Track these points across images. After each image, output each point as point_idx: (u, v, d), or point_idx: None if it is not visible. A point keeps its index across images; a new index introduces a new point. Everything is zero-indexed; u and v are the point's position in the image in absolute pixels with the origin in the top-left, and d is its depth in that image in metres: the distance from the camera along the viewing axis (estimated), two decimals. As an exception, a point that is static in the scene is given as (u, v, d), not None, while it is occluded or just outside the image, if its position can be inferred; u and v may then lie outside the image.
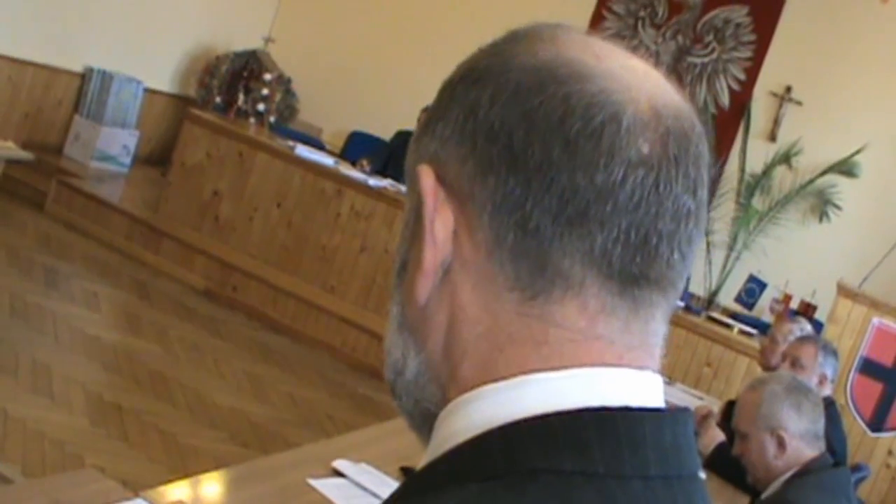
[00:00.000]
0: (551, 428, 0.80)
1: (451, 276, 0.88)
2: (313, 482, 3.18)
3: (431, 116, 0.93)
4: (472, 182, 0.86)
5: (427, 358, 0.91)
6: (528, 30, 0.92)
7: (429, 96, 1.02)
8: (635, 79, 0.88)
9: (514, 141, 0.84)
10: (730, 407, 5.38)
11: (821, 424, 3.92)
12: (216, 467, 3.56)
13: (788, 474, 3.84)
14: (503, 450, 0.80)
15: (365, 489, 3.24)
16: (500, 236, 0.85)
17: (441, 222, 0.87)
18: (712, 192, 10.38)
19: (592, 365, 0.84)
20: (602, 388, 0.83)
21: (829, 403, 5.25)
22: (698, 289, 10.24)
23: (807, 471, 3.80)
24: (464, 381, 0.87)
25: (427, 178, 0.88)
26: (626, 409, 0.82)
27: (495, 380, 0.84)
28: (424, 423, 0.92)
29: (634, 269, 0.84)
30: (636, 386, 0.85)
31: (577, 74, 0.85)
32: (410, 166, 0.93)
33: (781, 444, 3.84)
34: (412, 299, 0.90)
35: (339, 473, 3.31)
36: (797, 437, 3.84)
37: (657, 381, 0.88)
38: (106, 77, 10.68)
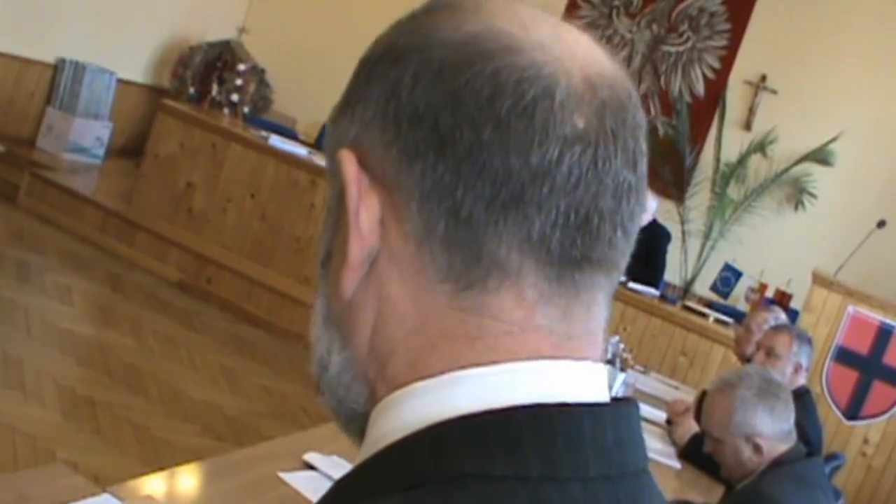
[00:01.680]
0: (482, 428, 0.76)
1: (377, 269, 0.83)
2: (284, 475, 3.16)
3: (349, 97, 0.87)
4: (398, 169, 0.81)
5: (352, 354, 0.86)
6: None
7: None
8: (566, 48, 0.82)
9: (440, 124, 0.79)
10: (704, 397, 5.38)
11: (792, 419, 3.91)
12: (190, 461, 3.53)
13: (762, 467, 3.83)
14: (431, 453, 0.76)
15: (335, 481, 3.21)
16: (431, 226, 0.80)
17: (366, 211, 0.82)
18: (687, 181, 10.47)
19: (529, 358, 0.80)
20: (538, 383, 0.79)
21: (804, 392, 5.26)
22: (674, 278, 10.26)
23: (780, 462, 3.80)
24: (393, 379, 0.82)
25: (349, 164, 0.83)
26: (564, 405, 0.78)
27: (426, 377, 0.80)
28: (350, 422, 0.89)
29: (575, 252, 0.80)
30: (575, 379, 0.81)
31: (506, 48, 0.80)
32: (330, 151, 0.88)
33: (757, 448, 3.83)
34: (337, 292, 0.85)
35: (309, 466, 3.28)
36: (772, 438, 3.83)
37: (599, 370, 0.84)
38: (78, 68, 10.61)
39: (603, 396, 0.82)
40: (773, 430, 3.83)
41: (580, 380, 0.81)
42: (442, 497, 0.74)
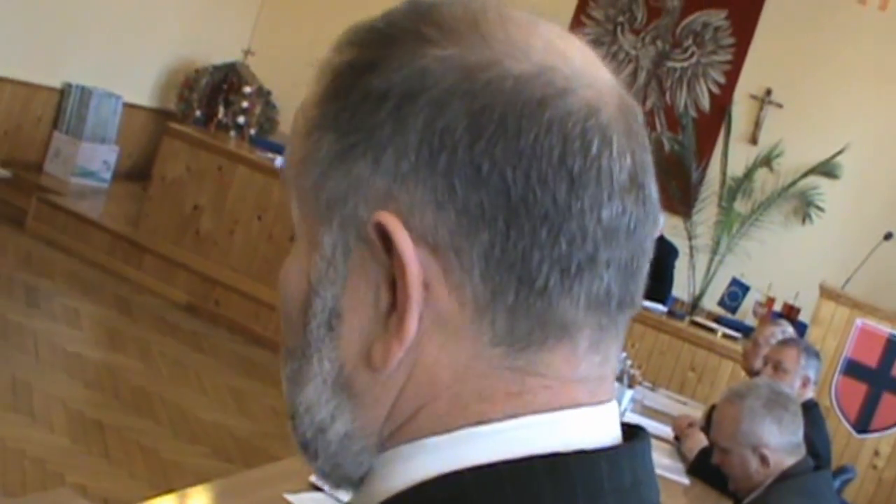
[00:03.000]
0: (499, 479, 0.71)
1: (417, 335, 0.75)
2: (290, 497, 3.15)
3: (359, 135, 0.76)
4: (456, 234, 0.72)
5: (366, 425, 0.79)
6: (462, 13, 0.78)
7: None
8: (591, 68, 0.77)
9: (509, 186, 0.71)
10: (713, 411, 5.38)
11: (801, 432, 3.91)
12: (199, 483, 3.53)
13: (770, 480, 3.83)
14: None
15: (342, 503, 3.21)
16: (497, 294, 0.73)
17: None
18: (694, 196, 10.46)
19: (562, 408, 0.76)
20: (555, 434, 0.75)
21: (812, 406, 5.25)
22: (682, 293, 10.24)
23: (788, 475, 3.80)
24: (406, 434, 0.77)
25: (403, 239, 0.73)
26: (581, 453, 0.74)
27: (442, 432, 0.75)
28: (341, 483, 0.83)
29: (628, 297, 0.77)
30: (593, 424, 0.77)
31: (561, 91, 0.74)
32: (331, 192, 0.78)
33: (764, 459, 3.83)
34: (373, 364, 0.76)
35: (317, 488, 3.28)
36: (779, 450, 3.83)
37: (613, 408, 0.80)
38: (85, 92, 10.64)
39: (617, 435, 0.79)
40: (780, 441, 3.83)
41: (597, 424, 0.78)
42: None
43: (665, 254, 8.46)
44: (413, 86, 0.74)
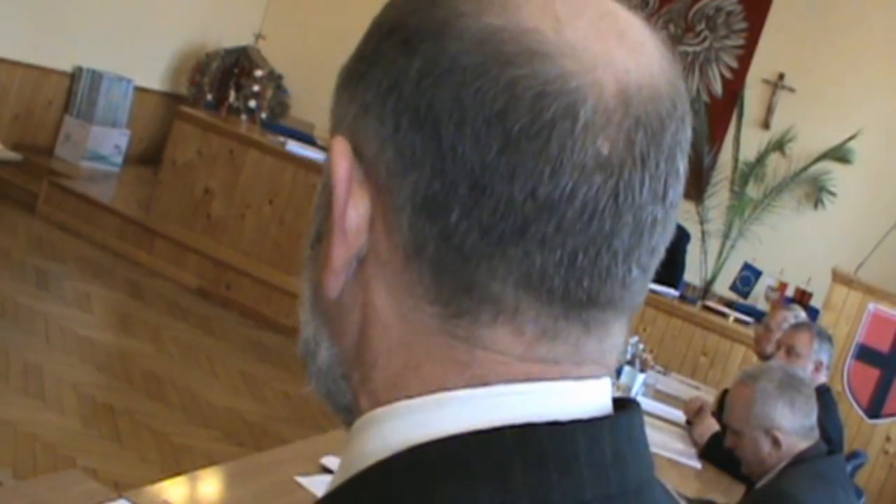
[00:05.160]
0: (466, 450, 0.68)
1: (365, 271, 0.75)
2: (301, 479, 3.15)
3: (355, 65, 0.78)
4: (391, 173, 0.72)
5: (340, 352, 0.79)
6: None
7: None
8: (604, 49, 0.71)
9: (442, 133, 0.69)
10: (725, 396, 5.37)
11: (815, 416, 3.89)
12: (210, 467, 3.53)
13: (783, 464, 3.82)
14: (409, 477, 0.69)
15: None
16: (419, 244, 0.71)
17: (355, 209, 0.73)
18: (706, 181, 10.43)
19: (528, 381, 0.72)
20: (532, 404, 0.71)
21: (824, 390, 5.24)
22: (694, 278, 10.23)
23: (801, 460, 3.79)
24: (374, 393, 0.76)
25: (341, 157, 0.74)
26: (555, 423, 0.70)
27: (408, 397, 0.73)
28: (339, 410, 0.82)
29: (581, 294, 0.71)
30: (573, 397, 0.73)
31: (529, 52, 0.69)
32: (331, 125, 0.80)
33: (776, 442, 3.82)
34: (322, 291, 0.77)
35: (327, 470, 3.28)
36: (792, 433, 3.82)
37: (602, 384, 0.76)
38: (95, 76, 10.64)
39: (605, 409, 0.75)
40: (792, 424, 3.81)
41: (579, 398, 0.73)
42: None
43: (677, 238, 8.40)
44: (397, 25, 0.75)
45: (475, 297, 0.71)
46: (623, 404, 0.76)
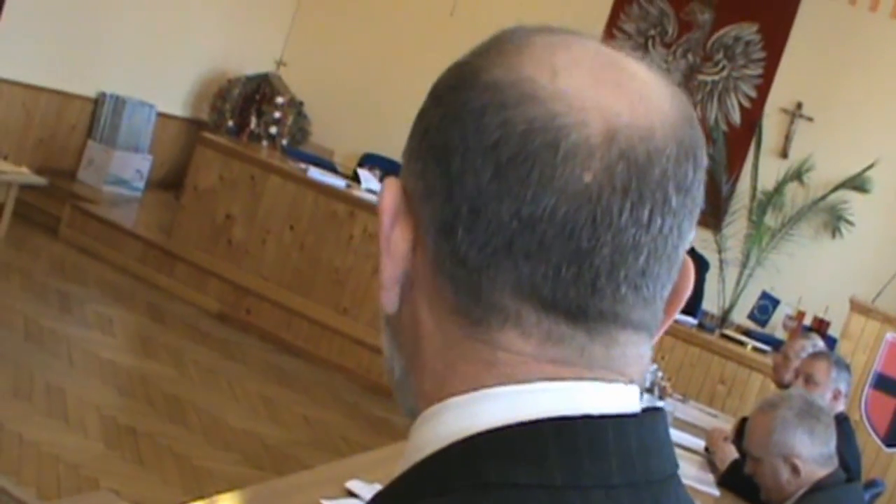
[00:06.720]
0: (508, 440, 0.79)
1: (413, 290, 0.87)
2: (326, 503, 3.18)
3: (414, 125, 0.91)
4: (420, 202, 0.85)
5: (406, 363, 0.91)
6: (501, 35, 0.88)
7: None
8: (598, 95, 0.81)
9: (451, 166, 0.82)
10: (743, 424, 5.38)
11: (833, 444, 3.91)
12: (231, 489, 3.56)
13: (801, 492, 3.84)
14: (460, 464, 0.80)
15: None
16: (440, 261, 0.84)
17: (400, 236, 0.86)
18: (724, 209, 10.45)
19: (551, 379, 0.82)
20: (566, 400, 0.81)
21: (843, 419, 5.24)
22: (712, 306, 10.23)
23: (819, 487, 3.80)
24: (427, 393, 0.87)
25: (388, 192, 0.88)
26: (588, 417, 0.80)
27: (453, 394, 0.84)
28: (409, 416, 0.92)
29: (569, 303, 0.81)
30: (603, 396, 0.82)
31: (522, 96, 0.81)
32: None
33: (795, 469, 3.83)
34: (382, 308, 0.90)
35: (352, 494, 3.30)
36: (811, 461, 3.84)
37: (631, 390, 0.85)
38: (119, 102, 10.73)
39: (633, 410, 0.84)
40: (811, 452, 3.83)
41: (606, 397, 0.82)
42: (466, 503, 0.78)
43: (695, 267, 8.45)
44: (435, 88, 0.89)
45: (483, 306, 0.83)
46: (647, 410, 0.86)
